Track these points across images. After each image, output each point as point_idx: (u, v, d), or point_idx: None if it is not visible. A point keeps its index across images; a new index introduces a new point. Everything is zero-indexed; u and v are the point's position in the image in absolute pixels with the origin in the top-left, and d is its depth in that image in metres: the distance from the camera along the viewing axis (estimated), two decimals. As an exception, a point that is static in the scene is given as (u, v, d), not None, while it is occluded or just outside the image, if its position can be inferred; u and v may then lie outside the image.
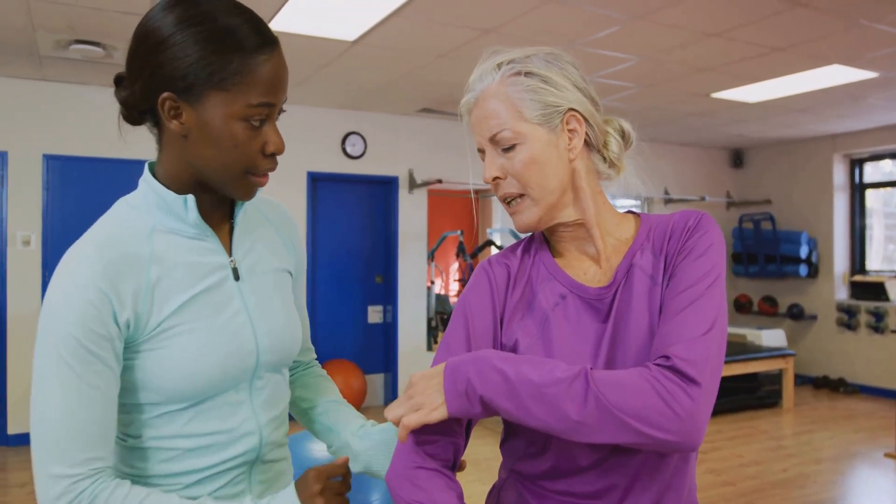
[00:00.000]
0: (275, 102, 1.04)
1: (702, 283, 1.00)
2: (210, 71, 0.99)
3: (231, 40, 0.99)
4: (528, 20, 4.15)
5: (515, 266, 1.16)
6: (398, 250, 6.98)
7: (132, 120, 1.09)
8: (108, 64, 5.01)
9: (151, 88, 1.01)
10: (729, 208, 8.99)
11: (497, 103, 1.08)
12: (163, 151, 1.09)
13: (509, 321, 1.11)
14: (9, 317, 5.50)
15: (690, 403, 0.91)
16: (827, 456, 5.39)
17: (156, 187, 1.08)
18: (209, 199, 1.12)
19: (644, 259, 1.09)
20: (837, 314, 8.00)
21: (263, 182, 1.09)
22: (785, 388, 7.01)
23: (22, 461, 5.14)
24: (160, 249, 1.06)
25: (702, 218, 1.08)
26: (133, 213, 1.09)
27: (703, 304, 0.98)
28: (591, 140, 1.11)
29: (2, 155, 5.50)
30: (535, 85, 1.07)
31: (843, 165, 8.15)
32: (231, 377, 1.10)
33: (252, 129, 1.03)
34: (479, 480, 4.73)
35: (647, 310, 1.05)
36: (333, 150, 6.70)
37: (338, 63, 5.14)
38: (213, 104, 1.00)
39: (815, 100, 6.22)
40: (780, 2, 3.88)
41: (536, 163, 1.07)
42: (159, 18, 1.01)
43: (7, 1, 3.89)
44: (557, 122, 1.07)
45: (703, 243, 1.05)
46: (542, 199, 1.08)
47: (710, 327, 0.96)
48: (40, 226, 5.59)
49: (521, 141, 1.06)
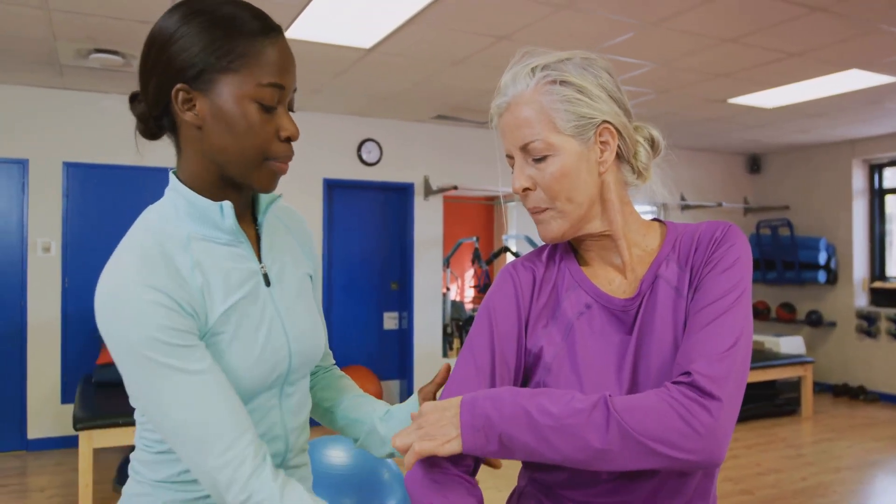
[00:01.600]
0: (284, 84, 1.05)
1: (728, 297, 0.99)
2: (217, 55, 1.01)
3: (234, 25, 1.02)
4: (543, 27, 4.16)
5: (541, 271, 1.14)
6: (414, 257, 6.99)
7: (149, 133, 1.11)
8: (128, 72, 5.07)
9: (164, 84, 1.03)
10: (746, 214, 8.93)
11: (530, 112, 1.05)
12: (182, 155, 1.10)
13: (534, 327, 1.11)
14: (29, 323, 5.57)
15: (710, 420, 0.90)
16: (846, 464, 5.32)
17: (187, 195, 1.08)
18: (235, 203, 1.12)
19: (669, 270, 1.08)
20: (857, 321, 7.92)
21: (283, 169, 1.09)
22: (804, 395, 6.94)
23: (42, 466, 5.19)
24: (200, 257, 1.06)
25: (729, 229, 1.06)
26: (165, 223, 1.08)
27: (728, 319, 0.97)
28: (622, 152, 1.09)
29: (23, 162, 5.57)
30: (570, 95, 1.04)
31: (862, 170, 8.07)
32: (268, 382, 1.11)
33: (265, 112, 1.04)
34: (496, 487, 4.72)
35: (671, 322, 1.04)
36: (349, 157, 6.73)
37: (354, 70, 5.16)
38: (224, 87, 1.02)
39: (833, 105, 6.18)
40: (796, 7, 3.86)
41: (567, 176, 1.04)
42: (165, 20, 1.05)
43: (29, 12, 3.95)
44: (590, 135, 1.05)
45: (730, 256, 1.03)
46: (570, 212, 1.06)
47: (734, 343, 0.95)
48: (60, 232, 5.66)
49: (552, 153, 1.04)
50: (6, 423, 5.53)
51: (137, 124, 1.11)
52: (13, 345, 5.55)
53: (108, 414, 3.96)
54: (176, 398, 0.98)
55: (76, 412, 4.06)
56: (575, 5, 3.83)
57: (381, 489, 2.02)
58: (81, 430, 3.83)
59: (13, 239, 5.57)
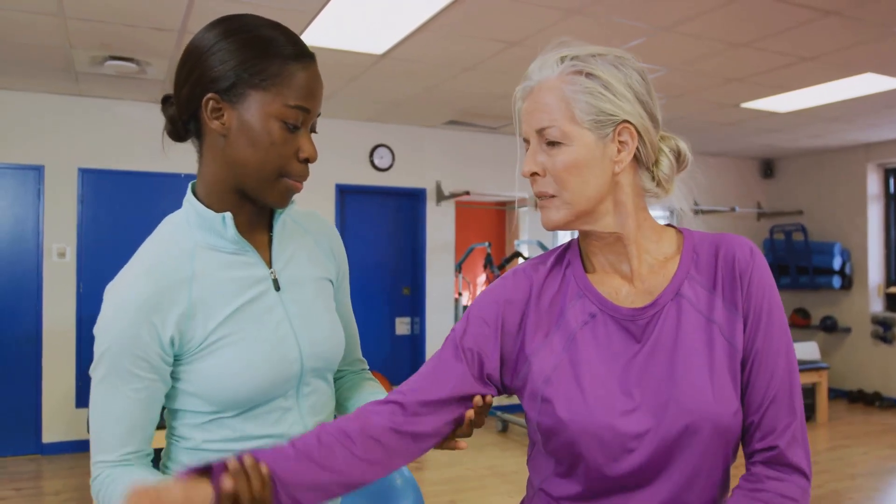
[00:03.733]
0: (310, 108, 1.10)
1: (789, 355, 1.06)
2: (251, 72, 1.07)
3: (270, 47, 1.09)
4: (554, 32, 4.15)
5: (542, 277, 1.13)
6: (426, 262, 7.00)
7: (176, 135, 1.16)
8: (142, 79, 5.11)
9: (196, 92, 1.09)
10: (759, 219, 8.88)
11: (551, 98, 1.04)
12: (203, 161, 1.15)
13: (532, 334, 1.10)
14: (44, 327, 5.61)
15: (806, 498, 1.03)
16: (862, 472, 5.27)
17: (196, 206, 1.14)
18: (249, 211, 1.16)
19: (693, 292, 1.06)
20: (872, 326, 7.85)
21: (298, 188, 1.14)
22: (818, 401, 6.88)
23: (57, 469, 5.22)
24: (201, 267, 1.12)
25: (754, 255, 1.07)
26: (177, 232, 1.15)
27: (795, 380, 1.06)
28: (640, 156, 1.07)
29: (38, 169, 5.63)
30: (593, 88, 1.03)
31: (876, 175, 8.01)
32: (277, 385, 1.14)
33: (287, 132, 1.09)
34: (507, 493, 4.71)
35: (704, 350, 1.03)
36: (361, 163, 6.75)
37: (366, 76, 5.19)
38: (253, 103, 1.08)
39: (847, 109, 6.14)
40: (809, 11, 3.84)
41: (577, 167, 1.03)
42: (204, 34, 1.11)
43: (45, 20, 3.99)
44: (609, 132, 1.04)
45: (770, 294, 1.05)
46: (575, 203, 1.05)
47: (799, 399, 1.08)
48: (75, 238, 5.71)
49: (566, 142, 1.03)
50: (21, 427, 5.58)
51: (166, 125, 1.16)
52: (28, 349, 5.60)
53: (122, 418, 3.98)
54: (99, 399, 1.10)
55: (90, 416, 4.09)
56: (586, 10, 3.83)
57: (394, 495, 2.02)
58: (96, 435, 3.85)
59: (29, 244, 5.63)
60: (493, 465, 5.35)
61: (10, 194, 5.60)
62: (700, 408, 1.00)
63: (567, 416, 1.02)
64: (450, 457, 5.56)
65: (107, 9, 3.85)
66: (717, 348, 1.04)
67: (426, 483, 4.86)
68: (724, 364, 1.03)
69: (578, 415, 1.02)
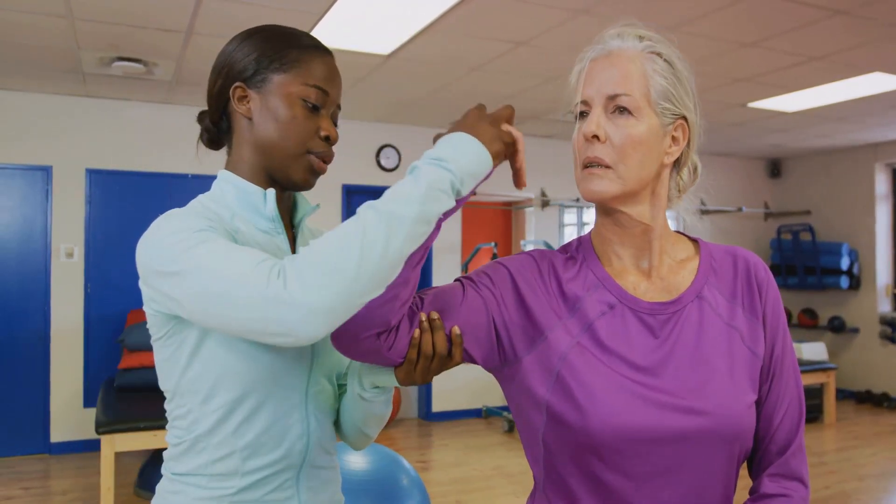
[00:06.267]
0: (329, 91, 1.18)
1: (796, 368, 1.10)
2: (271, 59, 1.17)
3: (291, 39, 1.19)
4: (561, 32, 4.16)
5: (548, 266, 1.11)
6: (432, 262, 7.01)
7: (211, 141, 1.24)
8: (149, 80, 5.13)
9: (226, 84, 1.19)
10: (767, 219, 8.86)
11: (633, 68, 1.03)
12: (233, 150, 1.22)
13: (543, 312, 1.06)
14: (52, 327, 5.64)
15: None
16: (870, 473, 5.25)
17: (235, 181, 1.18)
18: (277, 199, 1.20)
19: (713, 296, 1.08)
20: (880, 327, 7.81)
21: (322, 168, 1.19)
22: (826, 402, 6.86)
23: (64, 469, 5.25)
24: (242, 230, 1.15)
25: (767, 270, 1.12)
26: (212, 205, 1.17)
27: (802, 392, 1.11)
28: (680, 157, 1.08)
29: (46, 169, 5.65)
30: (669, 76, 1.04)
31: (885, 175, 7.98)
32: (289, 369, 1.14)
33: (308, 110, 1.16)
34: (514, 493, 4.70)
35: (725, 352, 1.05)
36: (368, 163, 6.76)
37: (372, 77, 5.19)
38: (274, 85, 1.16)
39: (855, 108, 6.12)
40: (817, 10, 3.83)
41: (642, 144, 1.02)
42: (232, 39, 1.22)
43: (53, 21, 4.01)
44: (669, 122, 1.04)
45: (782, 310, 1.12)
46: (628, 180, 1.02)
47: (804, 411, 1.11)
48: (83, 238, 5.73)
49: (637, 115, 1.02)
50: (29, 427, 5.60)
51: (202, 133, 1.25)
52: (37, 349, 5.62)
53: (130, 418, 3.99)
54: (209, 253, 0.99)
55: (98, 416, 4.10)
56: (593, 10, 3.83)
57: (400, 494, 2.02)
58: (103, 434, 3.86)
59: (37, 245, 5.65)
60: (499, 466, 5.35)
61: (19, 195, 5.62)
62: (719, 410, 1.00)
63: (583, 403, 1.00)
64: (456, 457, 5.57)
65: (114, 10, 3.86)
66: (737, 354, 1.05)
67: (432, 483, 4.86)
68: (744, 370, 1.05)
69: (593, 403, 0.99)
